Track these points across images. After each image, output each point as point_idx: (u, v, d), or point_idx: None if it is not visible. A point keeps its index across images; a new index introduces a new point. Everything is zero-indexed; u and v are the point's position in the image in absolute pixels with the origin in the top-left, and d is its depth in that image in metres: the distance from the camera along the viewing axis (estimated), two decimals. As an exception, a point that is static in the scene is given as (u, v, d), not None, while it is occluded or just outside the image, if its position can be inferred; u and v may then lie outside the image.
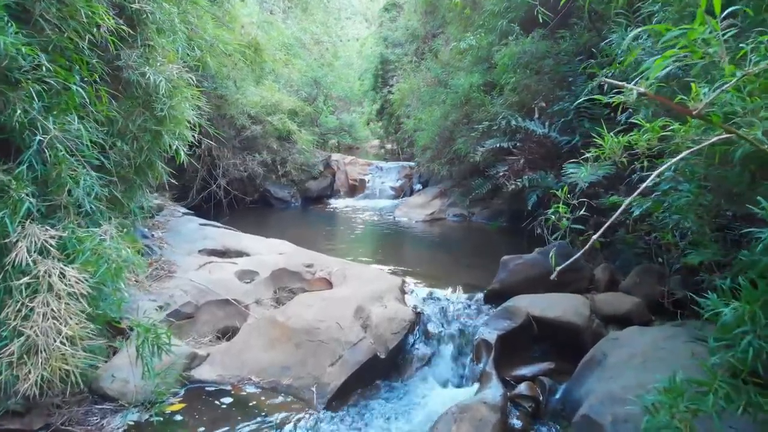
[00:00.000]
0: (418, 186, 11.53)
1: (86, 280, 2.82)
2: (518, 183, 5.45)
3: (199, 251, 5.12)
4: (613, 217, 1.96)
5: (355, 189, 11.70)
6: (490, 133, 6.71)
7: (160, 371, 3.19)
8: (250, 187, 9.63)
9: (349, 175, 11.99)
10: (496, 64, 7.39)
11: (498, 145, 6.34)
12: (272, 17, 10.95)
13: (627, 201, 1.96)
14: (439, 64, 9.43)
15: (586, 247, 1.92)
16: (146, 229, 5.38)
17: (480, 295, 4.42)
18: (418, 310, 4.09)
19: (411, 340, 3.83)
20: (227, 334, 4.16)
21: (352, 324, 3.63)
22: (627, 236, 4.58)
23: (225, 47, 5.44)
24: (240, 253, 5.23)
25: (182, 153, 4.17)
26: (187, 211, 6.47)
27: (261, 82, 10.24)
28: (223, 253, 5.22)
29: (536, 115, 5.87)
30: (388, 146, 19.12)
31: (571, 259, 2.00)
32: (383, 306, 3.89)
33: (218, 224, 6.10)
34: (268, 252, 5.22)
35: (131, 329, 3.19)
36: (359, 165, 12.39)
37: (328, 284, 4.66)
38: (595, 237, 1.92)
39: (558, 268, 1.97)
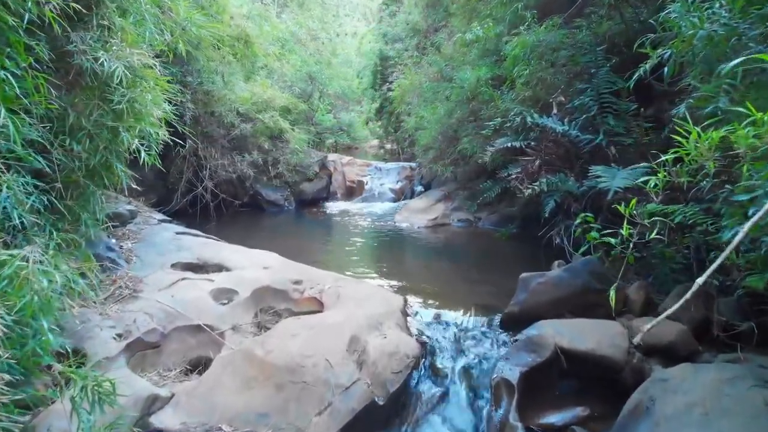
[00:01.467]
0: (419, 188, 10.90)
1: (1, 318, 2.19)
2: (535, 187, 4.82)
3: (172, 265, 4.48)
4: (727, 250, 1.32)
5: (352, 191, 11.06)
6: (500, 131, 6.08)
7: (109, 422, 2.56)
8: (240, 189, 9.00)
9: (346, 177, 11.36)
10: (505, 56, 6.77)
11: (509, 145, 5.71)
12: (265, 9, 10.31)
13: (747, 226, 1.31)
14: (442, 58, 8.79)
15: (686, 298, 1.29)
16: (114, 240, 4.74)
17: (496, 319, 3.79)
18: (424, 338, 3.46)
19: (416, 377, 3.20)
20: (199, 366, 3.53)
21: (344, 360, 3.00)
22: (665, 250, 3.95)
23: (198, 31, 4.77)
24: (219, 267, 4.59)
25: (145, 153, 3.52)
26: (164, 217, 5.83)
27: (252, 78, 9.61)
28: (200, 267, 4.59)
29: (554, 111, 5.24)
30: (388, 146, 18.49)
31: (676, 306, 1.37)
32: (382, 336, 3.26)
33: (197, 232, 5.46)
34: (251, 266, 4.59)
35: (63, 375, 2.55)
36: (357, 166, 11.76)
37: (319, 304, 4.03)
38: (701, 280, 1.28)
39: (646, 328, 1.34)
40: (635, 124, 4.97)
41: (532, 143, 5.55)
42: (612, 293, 3.58)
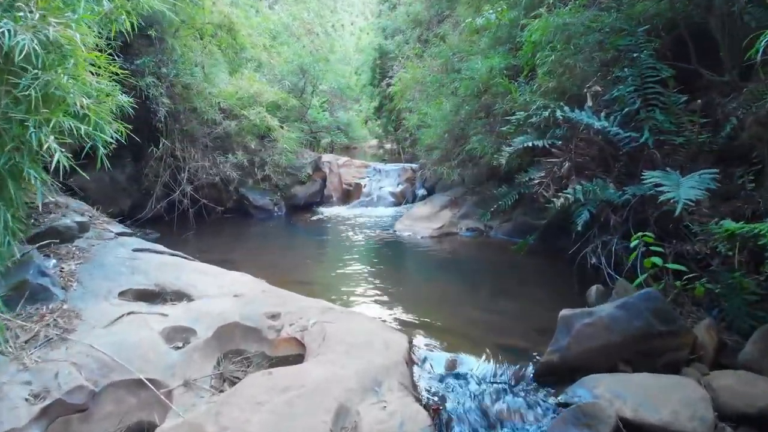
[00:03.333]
0: (422, 191, 10.05)
1: None
2: (567, 195, 3.95)
3: (121, 294, 3.61)
4: None
5: (349, 195, 10.20)
6: (518, 129, 5.21)
7: None
8: (224, 193, 8.13)
9: (342, 179, 10.50)
10: (521, 43, 5.92)
11: (530, 144, 4.85)
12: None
13: None
14: (448, 48, 7.92)
15: None
16: (53, 261, 3.87)
17: (528, 369, 2.93)
18: (437, 402, 2.59)
19: (426, 462, 2.33)
20: (139, 437, 2.67)
21: (327, 447, 2.13)
22: (742, 279, 3.09)
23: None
24: (179, 295, 3.73)
25: (61, 154, 2.65)
26: (123, 229, 4.96)
27: (238, 71, 8.74)
28: (156, 296, 3.72)
29: (588, 103, 4.38)
30: (388, 146, 17.64)
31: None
32: (380, 403, 2.40)
33: (160, 248, 4.59)
34: (219, 293, 3.72)
35: None
36: (355, 167, 10.89)
37: (300, 346, 3.17)
38: None
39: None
40: (686, 120, 4.11)
41: (559, 142, 4.68)
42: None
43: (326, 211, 9.04)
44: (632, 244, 3.07)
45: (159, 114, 6.78)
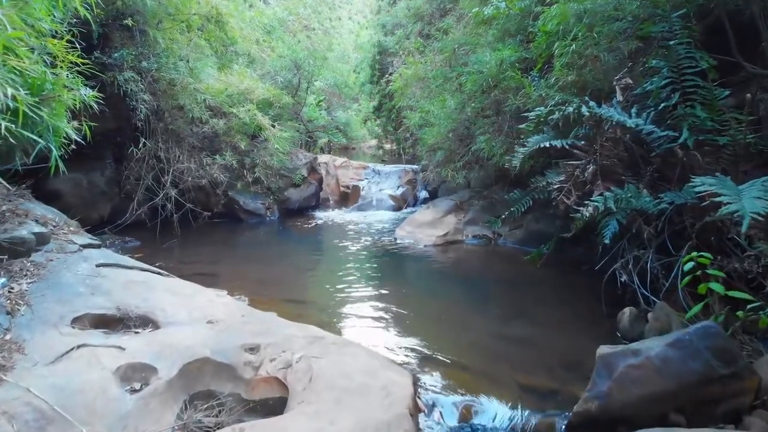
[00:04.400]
0: (423, 194, 9.53)
1: None
2: (597, 204, 3.41)
3: (75, 320, 3.07)
4: None
5: (346, 198, 9.67)
6: (537, 127, 4.67)
7: None
8: (213, 197, 7.58)
9: (340, 181, 9.97)
10: (534, 34, 5.39)
11: (547, 145, 4.31)
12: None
13: None
14: (452, 41, 7.38)
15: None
16: (2, 280, 3.34)
17: (560, 422, 2.39)
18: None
19: None
20: None
21: None
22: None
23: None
24: (144, 321, 3.19)
25: None
26: (90, 240, 4.41)
27: (228, 66, 8.20)
28: (117, 321, 3.18)
29: (618, 97, 3.85)
30: (387, 146, 17.09)
31: None
32: (380, 478, 1.86)
33: (131, 262, 4.06)
34: (191, 318, 3.19)
35: None
36: (353, 168, 10.37)
37: (282, 388, 2.64)
38: None
39: None
40: (730, 117, 3.58)
41: (581, 143, 4.15)
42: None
43: (322, 216, 8.50)
44: (686, 267, 2.53)
45: (140, 112, 6.24)
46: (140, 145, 6.66)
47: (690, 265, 2.51)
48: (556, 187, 4.15)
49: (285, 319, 3.37)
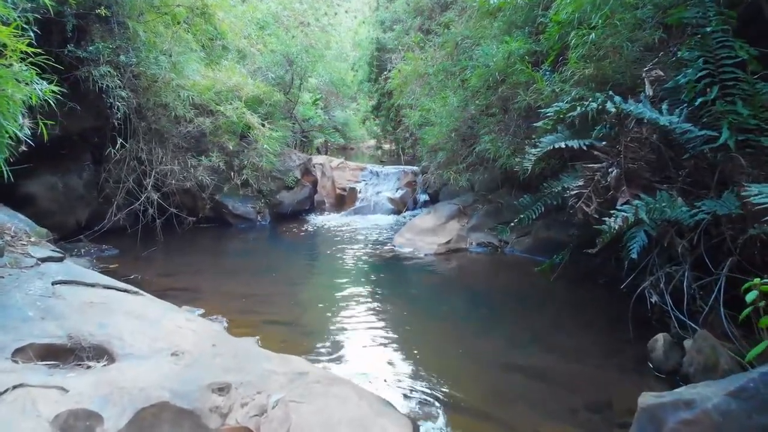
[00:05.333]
0: (424, 197, 9.07)
1: None
2: (625, 214, 2.95)
3: (17, 351, 2.61)
4: None
5: (343, 200, 9.21)
6: (555, 125, 4.21)
7: None
8: (200, 200, 7.11)
9: (336, 183, 9.51)
10: (544, 25, 4.94)
11: (563, 146, 3.86)
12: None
13: None
14: (456, 33, 6.92)
15: None
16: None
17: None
18: None
19: None
20: None
21: None
22: None
23: None
24: (99, 352, 2.73)
25: None
26: (50, 253, 3.93)
27: (218, 62, 7.73)
28: (68, 353, 2.72)
29: (647, 92, 3.39)
30: (386, 146, 16.63)
31: None
32: None
33: (91, 277, 3.59)
34: (153, 348, 2.73)
35: None
36: (350, 170, 9.91)
37: (256, 442, 2.18)
38: None
39: None
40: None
41: (602, 143, 3.69)
42: None
43: (317, 220, 8.04)
44: (748, 297, 2.07)
45: (117, 110, 5.77)
46: (120, 145, 6.19)
47: (753, 294, 2.05)
48: (573, 193, 3.68)
49: (265, 349, 2.91)
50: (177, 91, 6.19)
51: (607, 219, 3.01)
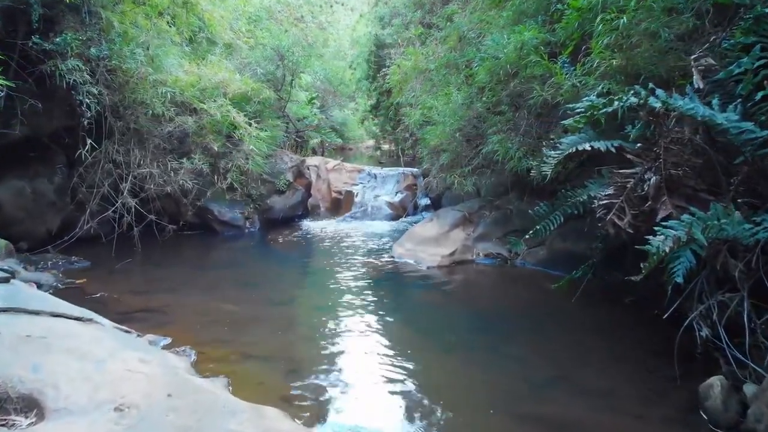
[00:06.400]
0: (425, 200, 8.54)
1: None
2: (674, 233, 2.42)
3: None
4: None
5: (339, 204, 8.68)
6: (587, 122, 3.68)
7: None
8: (183, 206, 6.57)
9: (332, 186, 8.98)
10: (560, 12, 4.42)
11: (588, 147, 3.33)
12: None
13: None
14: (462, 23, 6.38)
15: None
16: None
17: None
18: None
19: None
20: None
21: None
22: None
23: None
24: (28, 403, 2.20)
25: None
26: (3, 274, 3.39)
27: (203, 57, 7.20)
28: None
29: (697, 84, 2.86)
30: (385, 147, 16.07)
31: None
32: None
33: (38, 302, 3.06)
34: (91, 401, 2.20)
35: None
36: (346, 172, 9.38)
37: None
38: None
39: None
40: None
41: (636, 145, 3.16)
42: None
43: (310, 226, 7.50)
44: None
45: (86, 108, 5.24)
46: (93, 147, 5.65)
47: None
48: (603, 203, 3.15)
49: (235, 397, 2.38)
50: (155, 87, 5.65)
51: (652, 239, 2.47)
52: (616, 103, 2.83)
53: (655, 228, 2.57)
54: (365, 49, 14.05)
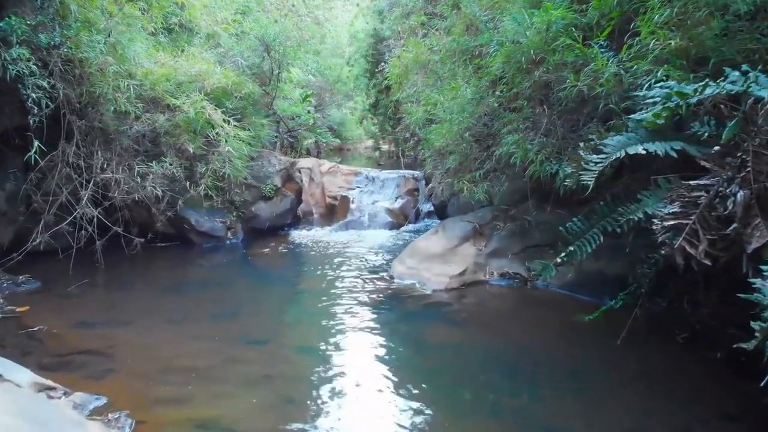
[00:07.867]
0: (427, 206, 7.81)
1: None
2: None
3: None
4: None
5: (333, 211, 7.92)
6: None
7: None
8: (155, 215, 5.80)
9: (326, 190, 8.22)
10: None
11: (641, 151, 2.58)
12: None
13: None
14: (465, 14, 5.65)
15: None
16: None
17: None
18: None
19: None
20: None
21: None
22: None
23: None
24: None
25: None
26: None
27: (181, 47, 6.45)
28: None
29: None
30: (384, 147, 15.35)
31: None
32: None
33: None
34: None
35: None
36: (342, 175, 8.61)
37: None
38: None
39: None
40: None
41: (711, 150, 2.41)
42: None
43: (300, 236, 6.75)
44: None
45: (36, 103, 4.50)
46: (47, 149, 4.90)
47: None
48: (667, 223, 2.40)
49: None
50: (118, 80, 4.90)
51: (763, 284, 1.73)
52: (708, 90, 2.08)
53: (762, 268, 1.82)
54: (363, 45, 13.32)
